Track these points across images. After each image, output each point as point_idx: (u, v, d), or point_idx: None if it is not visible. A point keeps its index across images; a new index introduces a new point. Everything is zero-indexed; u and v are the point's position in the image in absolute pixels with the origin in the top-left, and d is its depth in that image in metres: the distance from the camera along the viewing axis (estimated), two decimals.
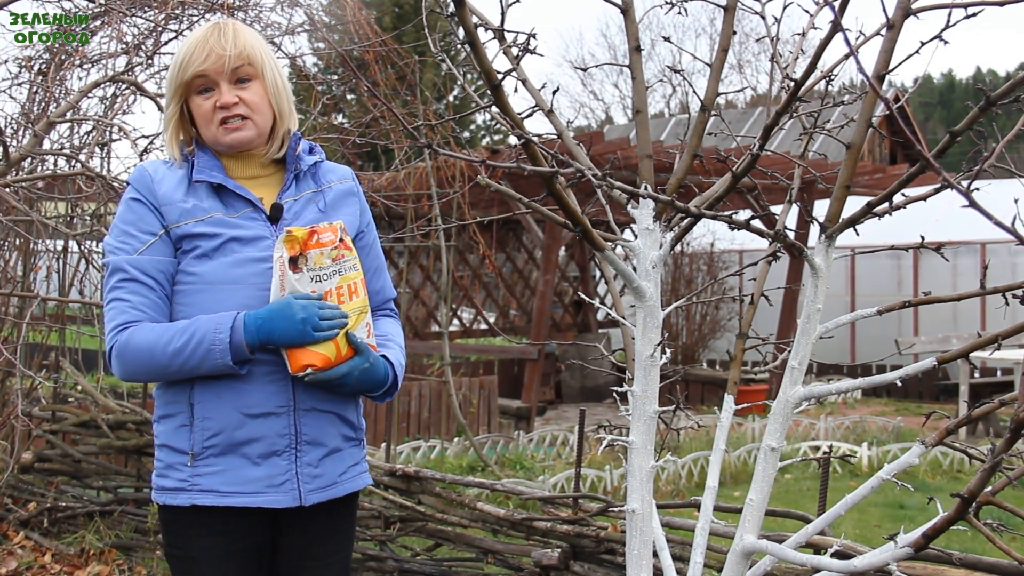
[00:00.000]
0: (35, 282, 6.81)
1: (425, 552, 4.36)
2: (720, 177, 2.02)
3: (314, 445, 2.27)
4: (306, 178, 2.37)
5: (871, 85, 1.55)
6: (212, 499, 2.21)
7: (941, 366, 1.73)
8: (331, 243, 2.21)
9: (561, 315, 16.19)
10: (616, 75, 39.19)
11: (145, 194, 2.25)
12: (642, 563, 1.95)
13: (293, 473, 2.25)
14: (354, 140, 6.33)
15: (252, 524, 2.27)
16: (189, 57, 2.24)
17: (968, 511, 1.51)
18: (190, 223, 2.23)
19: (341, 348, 2.21)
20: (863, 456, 8.52)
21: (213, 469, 2.22)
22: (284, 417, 2.24)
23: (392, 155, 8.67)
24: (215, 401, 2.21)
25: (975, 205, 1.35)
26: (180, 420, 2.25)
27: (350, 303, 2.23)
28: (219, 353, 2.14)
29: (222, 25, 2.29)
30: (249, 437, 2.22)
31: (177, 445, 2.24)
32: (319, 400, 2.28)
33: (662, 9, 2.20)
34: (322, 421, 2.29)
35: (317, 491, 2.28)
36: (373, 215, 2.55)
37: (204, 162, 2.29)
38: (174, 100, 2.28)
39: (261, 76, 2.29)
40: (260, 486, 2.22)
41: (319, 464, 2.28)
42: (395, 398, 8.81)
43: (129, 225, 2.24)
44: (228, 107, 2.24)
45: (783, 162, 9.94)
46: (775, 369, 2.28)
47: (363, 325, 2.27)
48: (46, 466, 5.66)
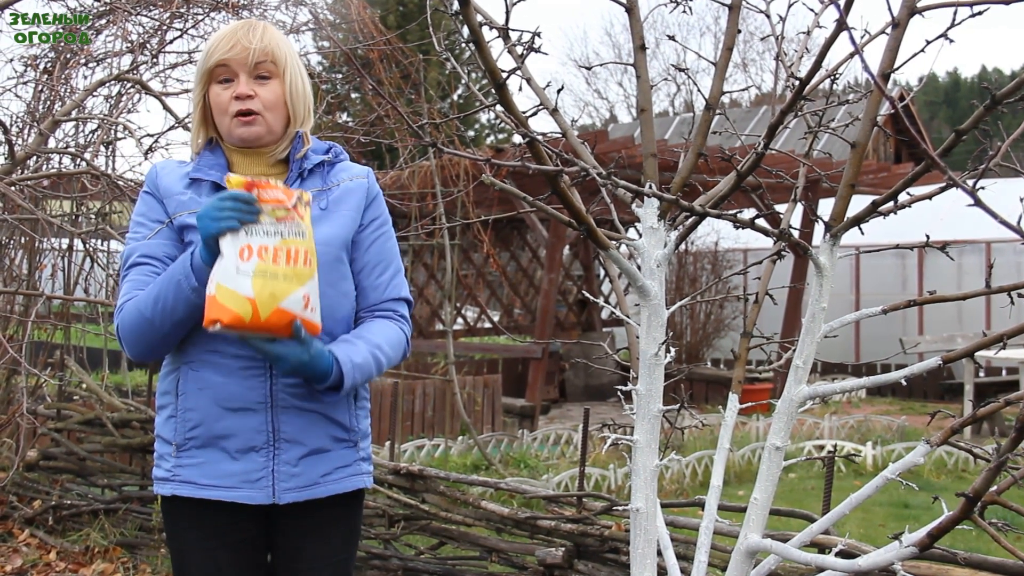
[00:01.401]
0: (40, 280, 6.82)
1: (429, 551, 4.37)
2: (724, 176, 2.02)
3: (293, 444, 2.26)
4: (313, 177, 2.37)
5: (876, 84, 1.54)
6: (189, 490, 2.25)
7: (946, 365, 1.73)
8: (274, 202, 2.11)
9: (565, 314, 16.18)
10: (620, 74, 39.21)
11: (152, 187, 2.35)
12: (646, 562, 1.94)
13: (269, 470, 2.24)
14: (358, 139, 6.33)
15: (236, 520, 2.28)
16: (216, 46, 2.29)
17: (973, 510, 1.51)
18: (185, 215, 2.27)
19: (261, 312, 2.06)
20: (867, 455, 8.51)
21: (194, 461, 2.25)
22: (261, 414, 2.24)
23: (396, 154, 8.66)
24: (196, 393, 2.24)
25: (980, 204, 1.35)
26: (169, 411, 2.29)
27: (287, 267, 2.09)
28: (184, 280, 2.15)
29: (254, 22, 2.34)
30: (227, 431, 2.23)
31: (166, 436, 2.30)
32: (300, 398, 2.26)
33: (667, 8, 2.20)
34: (303, 420, 2.27)
35: (294, 490, 2.26)
36: None
37: (206, 161, 2.34)
38: (198, 88, 2.34)
39: (281, 76, 2.31)
40: (236, 481, 2.23)
41: (298, 463, 2.26)
42: (399, 398, 8.82)
43: (140, 216, 2.34)
44: (243, 98, 2.27)
45: (788, 161, 9.93)
46: (779, 368, 2.27)
47: (298, 297, 2.10)
48: (51, 464, 5.67)
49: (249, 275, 2.07)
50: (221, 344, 2.23)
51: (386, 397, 8.71)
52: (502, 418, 10.29)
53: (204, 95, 2.33)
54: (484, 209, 12.59)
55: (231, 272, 2.07)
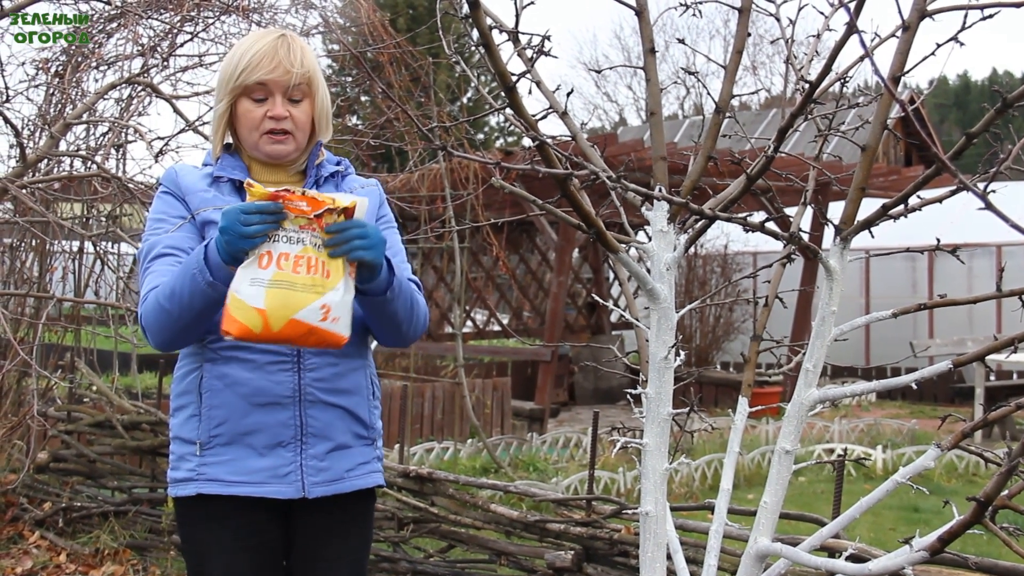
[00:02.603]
0: (51, 283, 6.85)
1: (438, 554, 4.37)
2: (734, 179, 2.01)
3: (320, 438, 2.29)
4: (327, 185, 2.41)
5: (886, 87, 1.54)
6: (217, 488, 2.24)
7: (956, 369, 1.72)
8: (297, 211, 2.06)
9: (575, 317, 16.17)
10: (630, 77, 39.20)
11: (171, 187, 2.35)
12: (656, 565, 1.94)
13: (298, 465, 2.27)
14: (368, 142, 6.34)
15: (261, 519, 2.29)
16: (257, 63, 2.27)
17: (984, 515, 1.50)
18: (210, 211, 2.27)
19: (272, 324, 2.03)
20: (878, 459, 8.49)
21: (219, 459, 2.25)
22: (289, 408, 2.26)
23: (406, 157, 8.67)
24: (222, 390, 2.24)
25: (991, 207, 1.34)
26: (190, 411, 2.29)
27: (307, 276, 2.06)
28: (199, 274, 2.08)
29: (289, 38, 2.32)
30: (254, 427, 2.24)
31: (187, 436, 2.29)
32: (326, 393, 2.30)
33: (676, 11, 2.20)
34: (329, 415, 2.31)
35: (322, 484, 2.29)
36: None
37: (228, 162, 2.36)
38: (226, 98, 2.31)
39: (312, 97, 2.34)
40: (264, 476, 2.25)
41: (325, 458, 2.30)
42: (409, 401, 8.83)
43: (160, 213, 2.33)
44: (278, 119, 2.29)
45: (798, 164, 9.91)
46: (789, 371, 2.27)
47: (316, 307, 2.04)
48: (61, 466, 5.68)
49: (264, 284, 2.04)
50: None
51: (395, 400, 8.73)
52: (511, 421, 10.29)
53: (231, 105, 2.32)
54: (494, 212, 12.59)
55: (245, 282, 2.05)
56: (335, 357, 2.32)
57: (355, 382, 2.37)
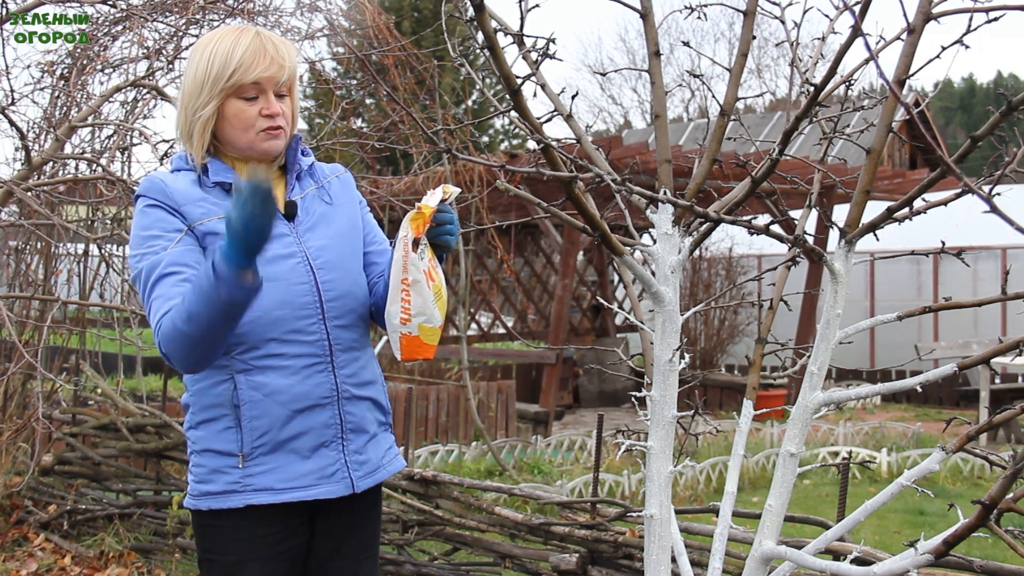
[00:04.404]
0: (56, 285, 6.86)
1: (443, 556, 4.37)
2: (739, 182, 2.01)
3: (358, 432, 2.33)
4: (305, 177, 2.42)
5: (891, 90, 1.54)
6: (268, 497, 2.22)
7: (961, 372, 1.72)
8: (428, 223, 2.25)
9: (579, 319, 16.16)
10: (635, 80, 39.22)
11: (160, 198, 2.22)
12: (660, 568, 1.94)
13: (343, 462, 2.29)
14: (373, 144, 6.35)
15: (295, 523, 2.29)
16: (251, 62, 2.22)
17: (989, 518, 1.50)
18: (213, 220, 2.21)
19: (431, 337, 2.27)
20: (883, 462, 8.48)
21: (264, 468, 2.22)
22: (329, 407, 2.28)
23: (411, 159, 8.68)
24: (262, 400, 2.21)
25: (996, 210, 1.34)
26: (225, 423, 2.23)
27: (433, 282, 2.27)
28: (212, 291, 1.99)
29: (264, 34, 2.29)
30: (297, 432, 2.24)
31: (224, 448, 2.23)
32: (357, 387, 2.33)
33: (681, 14, 2.20)
34: (362, 408, 2.34)
35: (366, 477, 2.34)
36: (391, 219, 2.60)
37: (217, 167, 2.30)
38: (215, 99, 2.24)
39: (292, 91, 2.35)
40: (313, 479, 2.25)
41: (364, 450, 2.34)
42: (413, 404, 8.81)
43: (151, 229, 2.20)
44: (274, 116, 2.28)
45: (802, 167, 9.90)
46: (794, 374, 2.27)
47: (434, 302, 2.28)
48: (66, 469, 5.69)
49: (433, 301, 2.25)
50: (279, 346, 2.22)
51: (400, 402, 8.72)
52: (516, 424, 10.28)
53: (219, 107, 2.26)
54: (499, 214, 12.60)
55: (429, 306, 2.23)
56: (358, 351, 2.35)
57: (374, 371, 2.41)
